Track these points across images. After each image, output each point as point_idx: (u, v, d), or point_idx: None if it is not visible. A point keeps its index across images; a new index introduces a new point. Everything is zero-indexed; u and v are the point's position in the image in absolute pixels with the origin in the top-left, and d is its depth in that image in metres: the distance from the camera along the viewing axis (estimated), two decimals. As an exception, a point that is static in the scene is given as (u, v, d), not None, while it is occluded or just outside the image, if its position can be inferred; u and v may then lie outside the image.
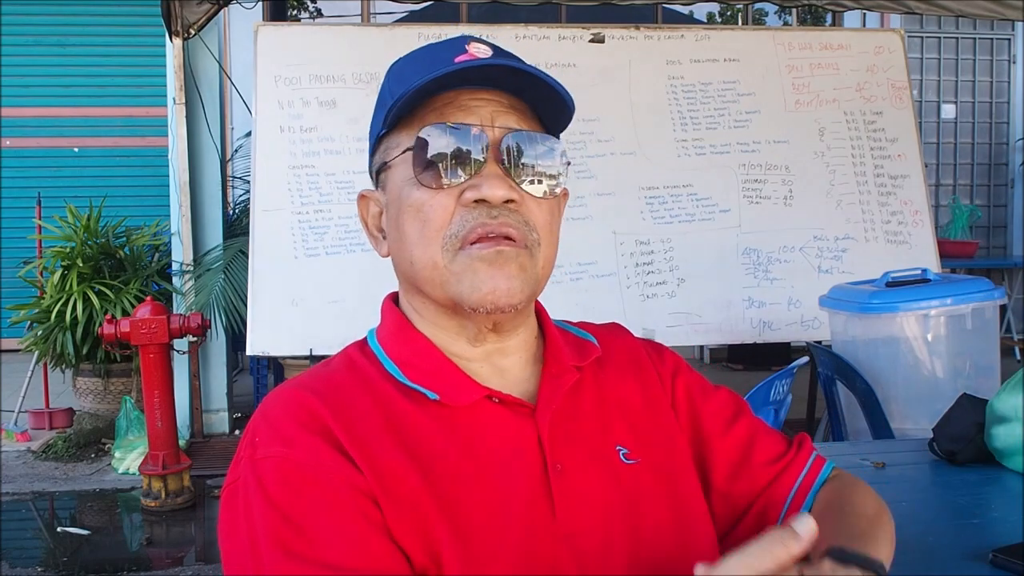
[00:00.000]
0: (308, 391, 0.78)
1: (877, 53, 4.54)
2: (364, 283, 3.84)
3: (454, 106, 0.79)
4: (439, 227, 0.78)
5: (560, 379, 0.83)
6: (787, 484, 0.91)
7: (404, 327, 0.84)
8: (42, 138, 6.85)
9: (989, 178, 7.20)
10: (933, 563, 1.08)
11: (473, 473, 0.75)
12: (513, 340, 0.84)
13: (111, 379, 4.74)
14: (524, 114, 0.82)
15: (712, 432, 0.91)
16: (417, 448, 0.75)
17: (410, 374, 0.80)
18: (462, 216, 0.77)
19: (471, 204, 0.77)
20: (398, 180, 0.81)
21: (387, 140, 0.83)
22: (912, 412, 2.68)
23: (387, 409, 0.77)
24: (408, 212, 0.79)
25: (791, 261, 4.27)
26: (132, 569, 3.12)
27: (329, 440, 0.73)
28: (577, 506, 0.77)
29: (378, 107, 0.84)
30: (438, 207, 0.78)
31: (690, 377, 0.94)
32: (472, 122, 0.78)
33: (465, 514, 0.73)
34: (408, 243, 0.80)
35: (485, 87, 0.80)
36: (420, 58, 0.82)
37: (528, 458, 0.78)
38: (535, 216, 0.80)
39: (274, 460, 0.72)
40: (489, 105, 0.80)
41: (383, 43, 4.17)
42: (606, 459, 0.81)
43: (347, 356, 0.85)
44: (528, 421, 0.80)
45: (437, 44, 0.83)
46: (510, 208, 0.78)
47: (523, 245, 0.78)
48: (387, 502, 0.71)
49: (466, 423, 0.78)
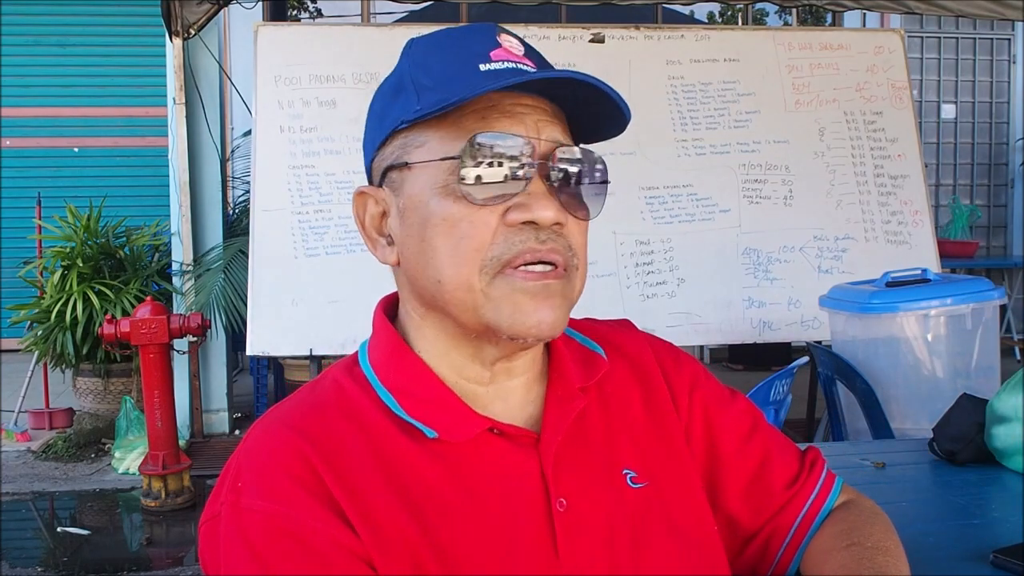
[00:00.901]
0: (297, 434, 0.71)
1: (877, 53, 4.54)
2: (364, 283, 3.84)
3: (498, 111, 0.71)
4: (479, 247, 0.70)
5: (566, 404, 0.79)
6: (794, 511, 0.88)
7: (399, 348, 0.78)
8: (42, 138, 6.85)
9: (989, 178, 7.20)
10: (933, 563, 1.07)
11: (472, 514, 0.71)
12: (521, 360, 0.79)
13: (111, 379, 4.74)
14: (564, 124, 0.76)
15: (727, 450, 0.87)
16: (412, 491, 0.71)
17: (407, 406, 0.74)
18: (506, 237, 0.70)
19: (517, 225, 0.70)
20: (424, 186, 0.73)
21: (408, 135, 0.74)
22: (912, 412, 2.68)
23: (381, 448, 0.72)
24: (440, 226, 0.71)
25: (791, 261, 4.27)
26: (132, 569, 3.12)
27: (319, 496, 0.68)
28: (581, 543, 0.73)
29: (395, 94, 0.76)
30: (479, 224, 0.70)
31: (708, 389, 0.89)
32: (519, 132, 0.71)
33: (465, 561, 0.69)
34: (437, 260, 0.72)
35: (528, 92, 0.73)
36: (448, 48, 0.75)
37: (530, 494, 0.74)
38: (575, 239, 0.74)
39: (261, 516, 0.67)
40: (534, 113, 0.73)
41: (383, 43, 4.17)
42: (613, 487, 0.77)
43: (336, 382, 0.78)
44: (531, 452, 0.75)
45: (464, 32, 0.76)
46: (556, 231, 0.72)
47: (564, 272, 0.73)
48: (383, 560, 0.68)
49: (466, 459, 0.73)
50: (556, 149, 0.73)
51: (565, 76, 0.71)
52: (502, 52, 0.73)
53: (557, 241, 0.72)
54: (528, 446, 0.76)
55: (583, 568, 0.72)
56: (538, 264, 0.71)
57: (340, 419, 0.74)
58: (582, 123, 0.78)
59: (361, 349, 0.81)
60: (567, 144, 0.74)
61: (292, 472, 0.69)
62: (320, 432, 0.72)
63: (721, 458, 0.87)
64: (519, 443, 0.76)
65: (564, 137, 0.75)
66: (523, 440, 0.76)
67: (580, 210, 0.75)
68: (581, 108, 0.76)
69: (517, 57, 0.74)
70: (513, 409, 0.78)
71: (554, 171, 0.72)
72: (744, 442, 0.88)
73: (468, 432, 0.74)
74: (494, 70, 0.71)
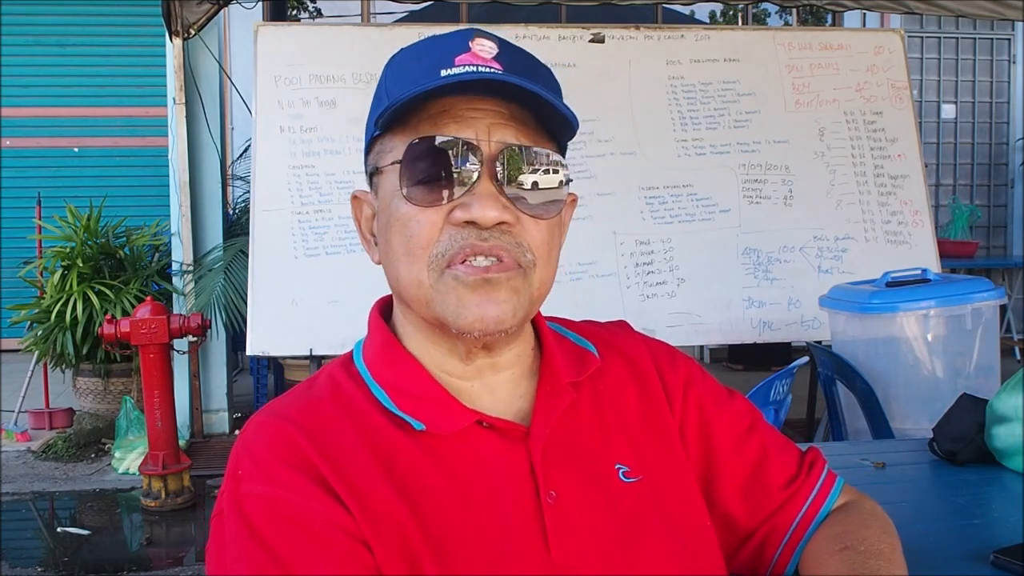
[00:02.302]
0: (291, 423, 0.74)
1: (877, 53, 4.53)
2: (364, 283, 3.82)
3: (449, 116, 0.74)
4: (425, 245, 0.74)
5: (555, 398, 0.80)
6: (792, 511, 0.88)
7: (391, 346, 0.80)
8: (42, 138, 6.86)
9: (989, 178, 7.20)
10: (933, 563, 1.07)
11: (463, 506, 0.72)
12: (505, 356, 0.80)
13: (111, 379, 4.74)
14: (526, 125, 0.76)
15: (723, 449, 0.87)
16: (405, 482, 0.72)
17: (397, 400, 0.76)
18: (450, 236, 0.73)
19: (461, 224, 0.73)
20: (388, 189, 0.77)
21: (380, 143, 0.79)
22: (912, 412, 2.68)
23: (374, 440, 0.74)
24: (395, 225, 0.75)
25: (791, 261, 4.27)
26: (132, 569, 3.11)
27: (315, 478, 0.71)
28: (572, 537, 0.74)
29: (374, 105, 0.80)
30: (425, 223, 0.74)
31: (703, 387, 0.89)
32: (467, 135, 0.73)
33: (456, 551, 0.70)
34: (395, 258, 0.76)
35: (485, 95, 0.74)
36: (421, 54, 0.77)
37: (520, 487, 0.75)
38: (531, 237, 0.75)
39: (261, 500, 0.70)
40: (487, 116, 0.74)
41: (383, 43, 4.17)
42: (604, 481, 0.78)
43: (331, 378, 0.81)
44: (520, 446, 0.76)
45: (441, 38, 0.77)
46: (502, 229, 0.73)
47: (515, 266, 0.74)
48: (377, 542, 0.69)
49: (455, 452, 0.75)
50: (503, 150, 0.74)
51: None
52: (468, 56, 0.74)
53: (502, 239, 0.73)
54: (517, 440, 0.77)
55: (573, 559, 0.73)
56: (480, 257, 0.73)
57: (334, 412, 0.76)
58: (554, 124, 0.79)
59: (356, 347, 0.84)
60: (518, 144, 0.75)
61: (286, 457, 0.72)
62: (313, 422, 0.75)
63: (717, 456, 0.87)
64: (508, 436, 0.77)
65: (520, 138, 0.75)
66: (512, 433, 0.77)
67: (535, 208, 0.75)
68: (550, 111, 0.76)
69: (483, 60, 0.74)
70: (501, 403, 0.80)
71: (500, 171, 0.73)
72: (741, 441, 0.88)
73: (455, 425, 0.76)
74: (453, 74, 0.73)
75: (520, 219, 0.75)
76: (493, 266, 0.73)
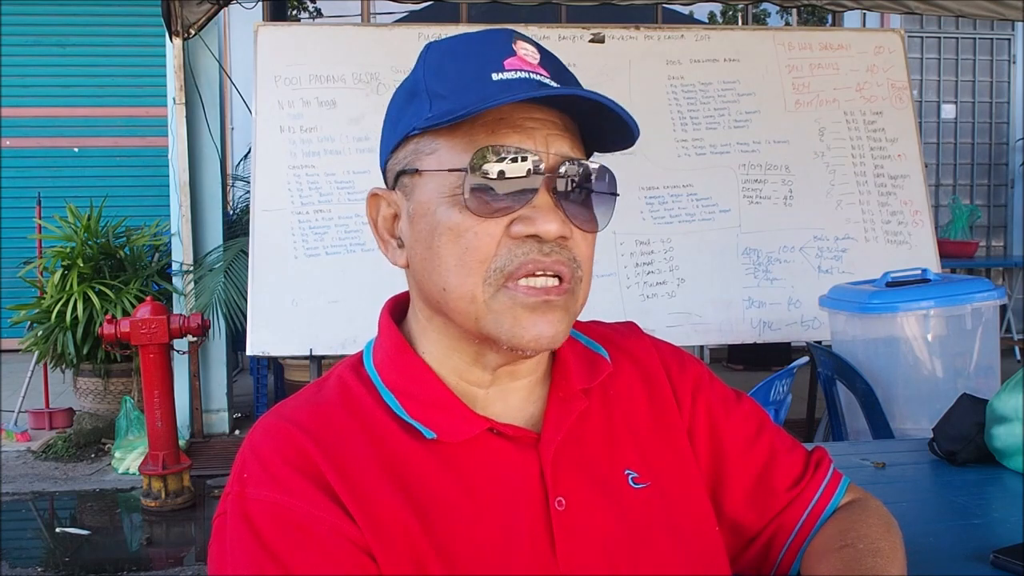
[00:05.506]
0: (299, 428, 0.73)
1: (877, 53, 4.54)
2: (364, 283, 3.84)
3: (507, 124, 0.72)
4: (483, 258, 0.71)
5: (568, 405, 0.79)
6: (797, 512, 0.88)
7: (403, 350, 0.79)
8: (42, 138, 6.85)
9: (989, 178, 7.20)
10: (933, 563, 1.07)
11: (472, 513, 0.72)
12: (526, 365, 0.79)
13: (111, 379, 4.74)
14: (575, 137, 0.76)
15: (732, 452, 0.87)
16: (413, 489, 0.72)
17: (408, 406, 0.75)
18: (510, 249, 0.71)
19: (521, 238, 0.71)
20: (432, 193, 0.73)
21: (420, 142, 0.75)
22: (912, 412, 2.68)
23: (382, 446, 0.74)
24: (446, 235, 0.72)
25: (791, 261, 4.28)
26: (132, 569, 3.11)
27: (321, 486, 0.70)
28: (579, 543, 0.73)
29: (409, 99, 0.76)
30: (484, 235, 0.71)
31: (712, 391, 0.89)
32: (528, 146, 0.72)
33: (463, 559, 0.70)
34: (443, 269, 0.73)
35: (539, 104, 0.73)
36: (463, 54, 0.75)
37: (529, 494, 0.74)
38: (582, 251, 0.75)
39: (265, 505, 0.69)
40: (544, 127, 0.73)
41: (383, 43, 4.17)
42: (613, 487, 0.78)
43: (341, 380, 0.79)
44: (531, 452, 0.76)
45: (480, 36, 0.76)
46: (560, 244, 0.72)
47: (568, 286, 0.73)
48: (382, 552, 0.69)
49: (466, 460, 0.74)
50: (563, 163, 0.73)
51: (576, 95, 0.71)
52: (516, 61, 0.73)
53: (561, 254, 0.73)
54: (528, 446, 0.77)
55: (580, 567, 0.73)
56: (541, 277, 0.72)
57: (343, 417, 0.75)
58: (595, 133, 0.78)
59: (366, 349, 0.83)
60: (575, 158, 0.74)
61: (293, 463, 0.71)
62: (321, 428, 0.74)
63: (726, 460, 0.87)
64: (519, 443, 0.76)
65: (573, 150, 0.75)
66: (523, 440, 0.77)
67: (587, 223, 0.75)
68: (590, 119, 0.76)
69: (531, 66, 0.74)
70: (513, 409, 0.79)
71: (560, 185, 0.73)
72: (749, 444, 0.88)
73: (466, 432, 0.75)
74: (507, 80, 0.72)
75: (574, 234, 0.74)
76: (553, 288, 0.72)
